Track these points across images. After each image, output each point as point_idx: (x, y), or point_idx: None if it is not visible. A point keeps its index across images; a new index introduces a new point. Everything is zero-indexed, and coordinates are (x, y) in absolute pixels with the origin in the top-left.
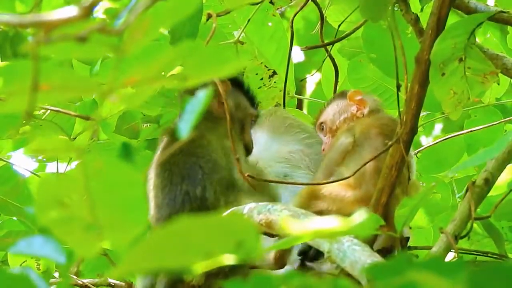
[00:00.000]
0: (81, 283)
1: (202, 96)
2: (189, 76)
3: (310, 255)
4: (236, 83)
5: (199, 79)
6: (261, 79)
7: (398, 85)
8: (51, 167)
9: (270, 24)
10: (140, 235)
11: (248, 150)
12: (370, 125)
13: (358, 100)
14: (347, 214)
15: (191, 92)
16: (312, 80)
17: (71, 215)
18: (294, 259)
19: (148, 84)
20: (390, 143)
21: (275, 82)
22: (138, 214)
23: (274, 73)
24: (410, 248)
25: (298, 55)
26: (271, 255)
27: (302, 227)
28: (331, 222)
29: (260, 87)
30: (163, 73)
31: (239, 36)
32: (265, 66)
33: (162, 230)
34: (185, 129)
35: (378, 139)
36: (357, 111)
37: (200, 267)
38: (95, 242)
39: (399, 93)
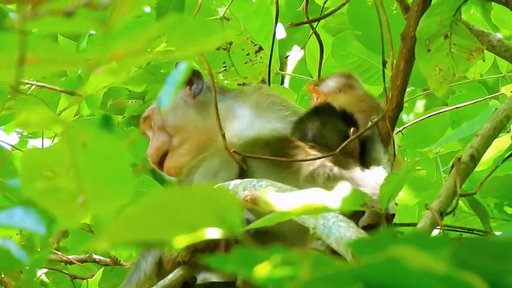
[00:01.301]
0: (66, 259)
1: (182, 69)
2: (174, 48)
3: None
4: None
5: (183, 52)
6: (248, 54)
7: (384, 61)
8: (32, 143)
9: (254, 0)
10: (124, 206)
11: None
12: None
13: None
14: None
15: None
16: (293, 57)
17: (56, 187)
18: None
19: (133, 58)
20: (375, 119)
21: (261, 57)
22: (122, 185)
23: (261, 48)
24: (395, 225)
25: (279, 32)
26: None
27: (287, 203)
28: (317, 198)
29: (246, 63)
30: (149, 49)
31: (224, 12)
32: (251, 41)
33: (144, 201)
34: (166, 101)
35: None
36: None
37: (183, 241)
38: (79, 212)
39: (385, 69)
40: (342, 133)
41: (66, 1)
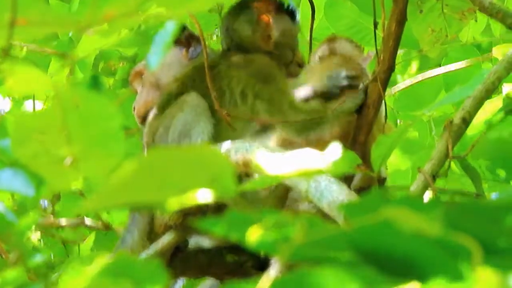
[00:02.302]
0: (57, 223)
1: (171, 28)
2: (164, 7)
3: None
4: (276, 7)
5: (174, 13)
6: None
7: (375, 23)
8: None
9: None
10: (115, 167)
11: (300, 66)
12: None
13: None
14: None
15: None
16: None
17: (46, 149)
18: None
19: (124, 19)
20: (368, 81)
21: None
22: (112, 145)
23: None
24: (387, 188)
25: None
26: None
27: (279, 167)
28: (309, 161)
29: None
30: (139, 11)
31: None
32: None
33: (135, 163)
34: (154, 61)
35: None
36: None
37: (175, 203)
38: (69, 174)
39: (376, 31)
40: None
41: None
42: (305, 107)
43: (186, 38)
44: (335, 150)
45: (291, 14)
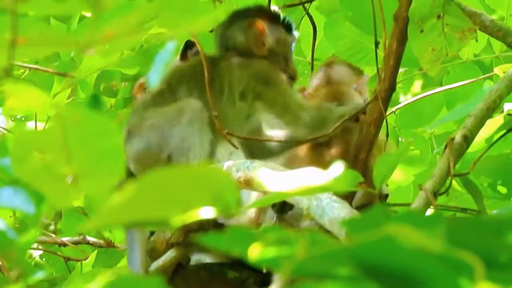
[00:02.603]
0: (60, 241)
1: (171, 47)
2: (165, 27)
3: (277, 207)
4: (271, 18)
5: (174, 32)
6: None
7: (377, 42)
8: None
9: None
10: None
11: (292, 79)
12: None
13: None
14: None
15: None
16: None
17: (48, 166)
18: (270, 216)
19: (125, 39)
20: (368, 100)
21: None
22: (113, 164)
23: None
24: (389, 205)
25: None
26: (249, 214)
27: (281, 184)
28: (311, 179)
29: None
30: (141, 30)
31: None
32: None
33: (138, 181)
34: (154, 80)
35: None
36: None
37: (177, 221)
38: (70, 192)
39: (377, 50)
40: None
41: None
42: (312, 105)
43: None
44: (337, 168)
45: (287, 26)
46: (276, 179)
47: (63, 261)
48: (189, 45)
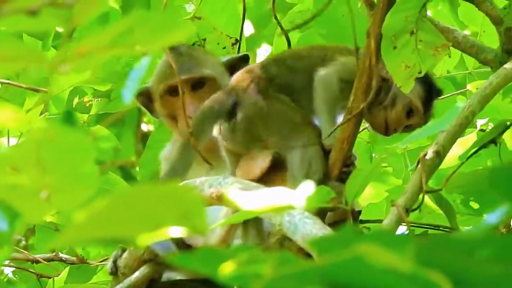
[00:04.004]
0: (32, 258)
1: (146, 63)
2: (139, 43)
3: None
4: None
5: (149, 46)
6: (224, 48)
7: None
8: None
9: None
10: (88, 202)
11: None
12: None
13: None
14: None
15: None
16: (261, 53)
17: (20, 182)
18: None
19: (98, 55)
20: (349, 117)
21: (238, 48)
22: (86, 179)
23: (237, 41)
24: (362, 221)
25: (247, 28)
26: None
27: (253, 201)
28: (282, 196)
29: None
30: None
31: (195, 11)
32: (226, 35)
33: (109, 198)
34: (128, 96)
35: None
36: None
37: (147, 239)
38: (44, 207)
39: None
40: None
41: (31, 0)
42: None
43: None
44: (309, 185)
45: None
46: (248, 196)
47: (35, 278)
48: None
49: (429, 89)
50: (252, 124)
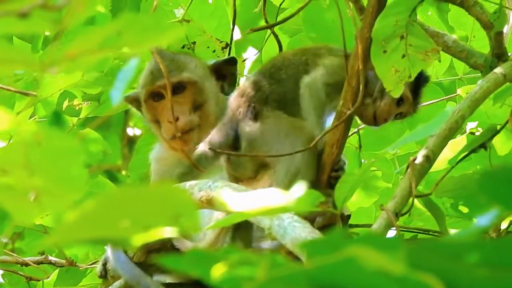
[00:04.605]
0: (21, 260)
1: (134, 65)
2: (128, 45)
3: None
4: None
5: (137, 48)
6: (214, 51)
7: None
8: None
9: (210, 1)
10: (77, 204)
11: None
12: None
13: None
14: None
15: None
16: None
17: (10, 184)
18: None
19: (87, 57)
20: (337, 123)
21: (229, 52)
22: (74, 181)
23: (227, 45)
24: (351, 226)
25: (235, 33)
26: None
27: (243, 204)
28: (272, 199)
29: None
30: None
31: (183, 15)
32: (216, 39)
33: (99, 200)
34: (116, 97)
35: None
36: None
37: (137, 240)
38: (33, 209)
39: None
40: None
41: (21, 2)
42: None
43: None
44: (299, 188)
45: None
46: (238, 199)
47: (25, 281)
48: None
49: (418, 76)
50: (255, 150)
